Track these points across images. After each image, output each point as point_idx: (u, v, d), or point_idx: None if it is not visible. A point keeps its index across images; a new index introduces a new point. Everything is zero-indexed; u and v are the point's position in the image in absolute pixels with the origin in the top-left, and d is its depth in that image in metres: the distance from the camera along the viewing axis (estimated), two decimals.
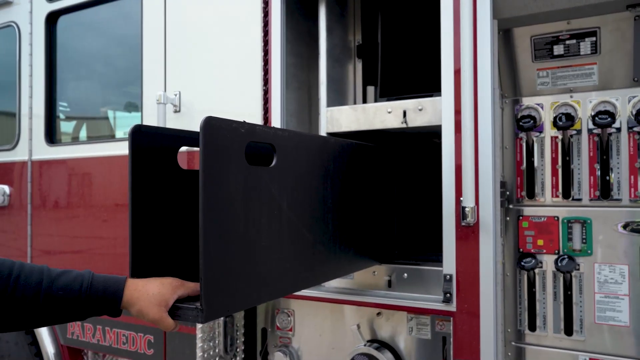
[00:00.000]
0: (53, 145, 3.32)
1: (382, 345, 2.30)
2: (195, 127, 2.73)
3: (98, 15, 3.20)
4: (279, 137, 1.51)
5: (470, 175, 1.85)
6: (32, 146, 3.37)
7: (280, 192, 1.49)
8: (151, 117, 2.77)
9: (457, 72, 1.97)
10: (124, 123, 3.47)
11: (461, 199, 1.90)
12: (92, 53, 3.40)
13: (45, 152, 3.34)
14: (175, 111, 2.70)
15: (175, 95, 2.69)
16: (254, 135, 1.38)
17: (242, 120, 1.36)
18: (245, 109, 2.47)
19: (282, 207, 1.50)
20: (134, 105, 3.33)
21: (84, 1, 3.14)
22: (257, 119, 2.44)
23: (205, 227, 1.22)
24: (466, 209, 1.85)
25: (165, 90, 2.73)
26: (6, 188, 3.51)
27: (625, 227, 1.92)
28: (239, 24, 2.53)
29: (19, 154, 3.47)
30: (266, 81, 2.42)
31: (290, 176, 1.55)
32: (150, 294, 1.36)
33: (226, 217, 1.29)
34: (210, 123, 1.25)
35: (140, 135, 1.50)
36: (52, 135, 3.35)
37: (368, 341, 2.33)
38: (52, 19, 3.32)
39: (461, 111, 1.89)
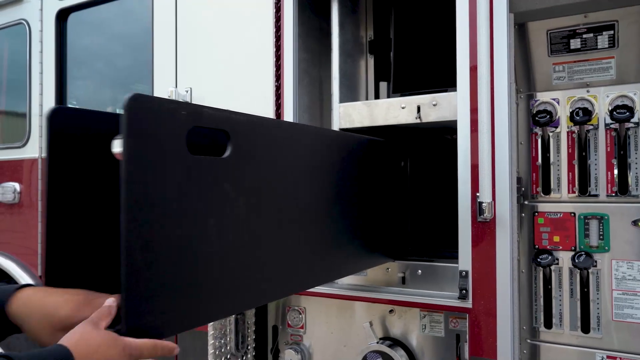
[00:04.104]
0: None
1: (395, 342, 2.28)
2: None
3: (109, 12, 3.19)
4: (236, 122, 1.26)
5: (487, 170, 1.83)
6: (42, 143, 3.37)
7: (238, 188, 1.26)
8: None
9: (473, 67, 1.95)
10: None
11: (477, 194, 1.88)
12: (102, 50, 3.40)
13: None
14: None
15: (187, 91, 2.68)
16: (200, 118, 1.15)
17: (184, 101, 1.19)
18: (257, 104, 2.46)
19: (240, 206, 1.27)
20: None
21: None
22: (269, 114, 2.43)
23: (129, 230, 0.98)
24: (483, 204, 1.83)
25: (176, 87, 2.72)
26: (17, 185, 3.52)
27: None
28: (251, 19, 2.52)
29: (29, 152, 3.47)
30: (278, 77, 2.41)
31: (255, 169, 1.32)
32: (45, 312, 1.08)
33: (158, 219, 1.05)
34: (137, 102, 1.00)
35: (62, 118, 1.24)
36: None
37: (380, 339, 2.31)
38: (62, 16, 3.32)
39: (477, 106, 1.87)
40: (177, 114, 1.09)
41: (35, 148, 3.42)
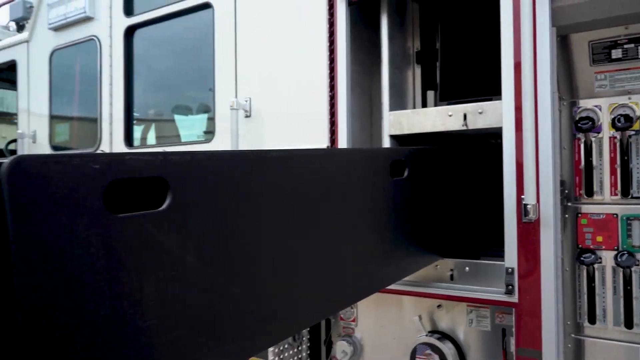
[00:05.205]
0: (131, 148, 3.61)
1: (443, 335, 2.43)
2: (267, 131, 2.93)
3: (173, 27, 3.46)
4: (174, 165, 1.06)
5: (532, 173, 1.97)
6: (112, 149, 3.67)
7: (184, 243, 1.08)
8: (223, 122, 3.00)
9: (518, 76, 2.07)
10: (190, 125, 3.75)
11: (522, 196, 2.01)
12: (166, 62, 3.67)
13: None
14: (246, 116, 2.91)
15: (246, 101, 2.91)
16: (121, 169, 0.95)
17: (99, 151, 1.01)
18: (312, 114, 2.66)
19: (187, 263, 1.09)
20: (202, 110, 3.60)
21: (159, 15, 3.41)
22: (324, 123, 2.62)
23: (28, 329, 0.80)
24: (528, 206, 1.96)
25: (236, 97, 2.95)
26: None
27: None
28: (306, 34, 2.72)
29: None
30: (332, 87, 2.60)
31: (205, 216, 1.13)
32: None
33: (72, 300, 0.86)
34: (21, 169, 0.80)
35: None
36: (130, 139, 3.64)
37: (429, 332, 2.46)
38: (130, 32, 3.62)
39: (522, 112, 2.01)
40: (84, 171, 0.89)
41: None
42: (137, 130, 3.87)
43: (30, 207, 0.81)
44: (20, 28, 5.63)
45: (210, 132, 3.20)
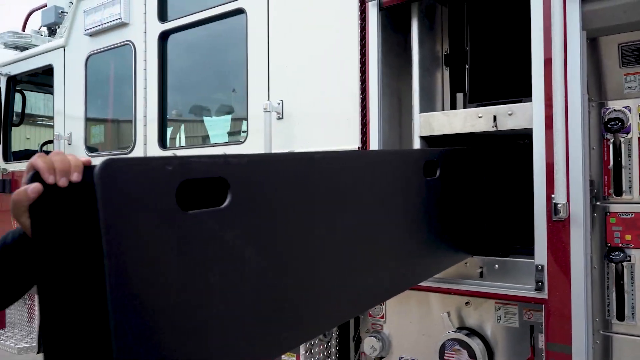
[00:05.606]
0: (165, 150, 3.73)
1: (472, 332, 2.48)
2: (298, 132, 3.02)
3: (206, 32, 3.57)
4: (234, 166, 1.17)
5: (562, 172, 2.02)
6: (146, 150, 3.80)
7: (243, 237, 1.19)
8: (256, 124, 3.10)
9: (548, 77, 2.13)
10: (220, 126, 3.87)
11: (553, 196, 2.07)
12: (199, 66, 3.79)
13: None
14: (279, 118, 3.01)
15: (279, 103, 3.00)
16: (189, 171, 1.06)
17: (171, 155, 1.14)
18: (343, 116, 2.74)
19: (245, 257, 1.19)
20: (229, 112, 3.72)
21: (193, 21, 3.52)
22: (354, 125, 2.70)
23: (116, 309, 0.91)
24: (558, 205, 2.02)
25: (269, 99, 3.05)
26: None
27: None
28: (337, 38, 2.80)
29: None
30: (363, 90, 2.67)
31: (260, 213, 1.24)
32: None
33: (150, 287, 0.98)
34: (111, 169, 0.91)
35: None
36: (164, 140, 3.76)
37: (457, 328, 2.52)
38: (164, 37, 3.74)
39: (552, 113, 2.06)
40: (160, 172, 1.00)
41: (140, 153, 3.85)
42: (171, 132, 4.00)
43: (118, 204, 0.92)
44: (52, 33, 5.82)
45: (243, 133, 3.30)
